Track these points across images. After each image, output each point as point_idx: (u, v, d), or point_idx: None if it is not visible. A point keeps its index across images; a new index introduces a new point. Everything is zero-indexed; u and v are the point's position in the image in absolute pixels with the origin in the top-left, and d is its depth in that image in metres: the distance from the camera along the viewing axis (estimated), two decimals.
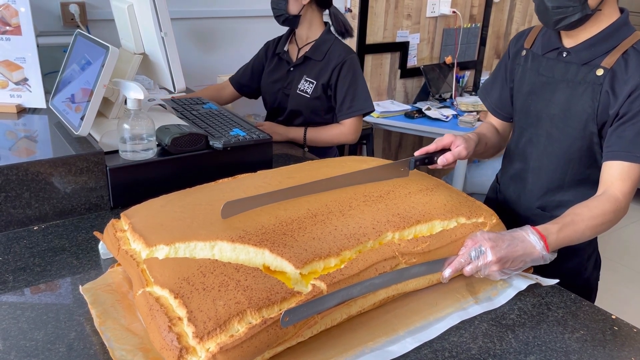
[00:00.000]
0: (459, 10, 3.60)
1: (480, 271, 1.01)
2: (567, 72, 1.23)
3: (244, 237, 0.90)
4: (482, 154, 1.41)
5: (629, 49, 1.16)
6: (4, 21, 1.43)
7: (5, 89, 1.50)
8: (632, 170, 1.14)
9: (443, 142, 1.22)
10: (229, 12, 2.67)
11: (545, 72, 1.28)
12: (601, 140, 1.22)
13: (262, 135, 1.50)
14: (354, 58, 1.92)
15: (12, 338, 0.87)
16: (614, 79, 1.16)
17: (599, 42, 1.19)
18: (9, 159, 1.21)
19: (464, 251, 1.02)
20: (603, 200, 1.13)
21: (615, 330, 0.97)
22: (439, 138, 1.24)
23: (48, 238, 1.19)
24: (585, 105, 1.20)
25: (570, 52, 1.23)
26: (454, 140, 1.22)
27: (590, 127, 1.20)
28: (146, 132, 1.31)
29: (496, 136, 1.45)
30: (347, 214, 1.01)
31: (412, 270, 0.97)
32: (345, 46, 1.95)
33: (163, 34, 1.41)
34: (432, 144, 1.22)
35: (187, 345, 0.74)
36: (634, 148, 1.13)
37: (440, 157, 1.20)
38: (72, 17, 2.23)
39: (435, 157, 1.21)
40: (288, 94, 1.98)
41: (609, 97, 1.16)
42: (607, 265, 3.08)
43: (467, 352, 0.89)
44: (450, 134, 1.24)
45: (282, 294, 0.82)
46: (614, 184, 1.14)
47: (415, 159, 1.20)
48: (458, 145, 1.21)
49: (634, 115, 1.13)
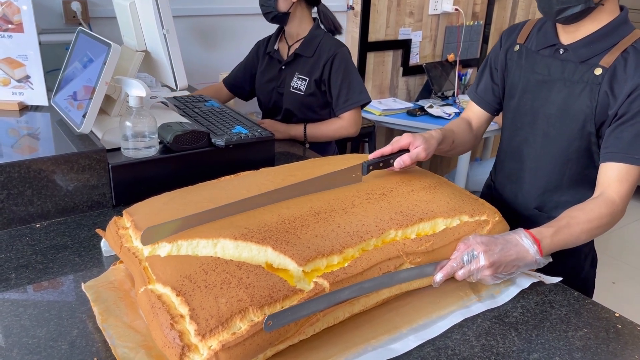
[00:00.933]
0: (461, 7, 3.59)
1: (473, 275, 0.99)
2: (564, 71, 1.21)
3: (247, 234, 0.90)
4: (449, 152, 1.34)
5: (628, 48, 1.14)
6: (6, 19, 1.43)
7: (8, 87, 1.50)
8: (630, 172, 1.12)
9: (400, 143, 1.15)
10: (231, 10, 2.67)
11: (541, 69, 1.25)
12: (599, 140, 1.20)
13: (265, 133, 1.49)
14: (344, 51, 1.91)
15: (15, 335, 0.87)
16: (613, 79, 1.14)
17: (597, 39, 1.17)
18: (11, 156, 1.21)
19: (456, 255, 1.00)
20: (600, 203, 1.11)
21: (619, 329, 0.97)
22: (397, 139, 1.17)
23: (50, 235, 1.19)
24: (583, 105, 1.18)
25: (567, 49, 1.21)
26: (413, 140, 1.15)
27: (588, 127, 1.19)
28: (148, 129, 1.31)
29: (467, 133, 1.40)
30: (350, 212, 1.01)
31: (402, 274, 0.95)
32: (335, 40, 1.94)
33: (165, 32, 1.41)
34: (388, 146, 1.16)
35: (189, 343, 0.74)
36: (632, 150, 1.11)
37: (397, 160, 1.14)
38: (74, 15, 2.23)
39: (391, 160, 1.15)
40: (282, 92, 1.97)
41: (607, 97, 1.15)
42: (610, 263, 3.10)
43: (469, 350, 0.89)
44: (409, 134, 1.18)
45: (284, 292, 0.82)
46: (611, 186, 1.13)
47: (369, 164, 1.13)
48: (417, 146, 1.14)
49: (633, 116, 1.12)
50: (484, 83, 1.41)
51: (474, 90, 1.44)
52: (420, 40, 3.50)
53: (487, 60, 1.42)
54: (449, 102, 3.43)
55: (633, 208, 3.73)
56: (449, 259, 1.00)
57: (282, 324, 0.78)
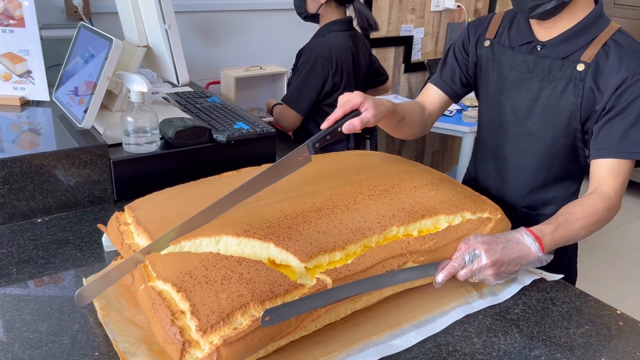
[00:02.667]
0: (463, 4, 3.58)
1: (475, 275, 0.98)
2: (544, 67, 1.19)
3: (249, 231, 0.90)
4: (395, 130, 1.24)
5: (608, 41, 1.13)
6: (7, 14, 1.43)
7: (9, 82, 1.49)
8: (623, 166, 1.12)
9: (352, 102, 1.02)
10: (233, 6, 2.67)
11: (518, 66, 1.23)
12: (584, 136, 1.19)
13: (266, 129, 1.49)
14: (318, 56, 1.97)
15: (16, 330, 0.88)
16: (597, 73, 1.13)
17: (576, 34, 1.16)
18: (12, 151, 1.21)
19: (458, 255, 0.99)
20: (596, 198, 1.10)
21: (621, 326, 0.97)
22: (347, 98, 1.03)
23: (52, 230, 1.19)
24: (567, 102, 1.17)
25: (545, 46, 1.19)
26: (363, 100, 1.02)
27: (574, 124, 1.18)
28: (150, 125, 1.31)
29: (418, 115, 1.32)
30: (352, 208, 1.00)
31: (404, 274, 0.95)
32: (324, 44, 2.01)
33: (167, 27, 1.40)
34: (338, 108, 1.02)
35: (190, 339, 0.74)
36: (623, 145, 1.11)
37: (346, 124, 1.00)
38: (76, 10, 2.23)
39: (338, 128, 1.01)
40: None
41: (593, 93, 1.14)
42: (611, 261, 3.10)
43: (471, 347, 0.89)
44: (360, 92, 1.04)
45: (285, 287, 0.82)
46: (605, 181, 1.12)
47: (314, 141, 0.99)
48: (366, 108, 1.02)
49: (621, 111, 1.11)
50: (449, 69, 1.36)
51: (439, 76, 1.38)
52: (422, 37, 3.49)
53: (451, 48, 1.37)
54: None
55: (634, 206, 3.73)
56: (451, 259, 1.00)
57: (279, 320, 0.78)
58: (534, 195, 1.31)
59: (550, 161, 1.25)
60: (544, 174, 1.28)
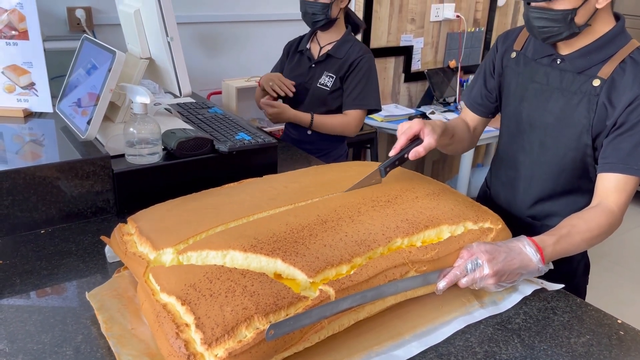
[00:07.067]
0: (463, 14, 3.61)
1: (476, 283, 0.99)
2: (562, 81, 1.21)
3: (256, 245, 0.90)
4: (448, 147, 1.32)
5: (626, 58, 1.14)
6: (11, 26, 1.44)
7: (13, 94, 1.51)
8: (628, 182, 1.13)
9: (413, 130, 1.12)
10: (235, 17, 2.69)
11: (539, 78, 1.25)
12: (595, 152, 1.20)
13: (267, 140, 1.50)
14: (371, 57, 2.04)
15: (20, 341, 0.88)
16: (611, 90, 1.14)
17: (594, 50, 1.17)
18: (16, 163, 1.22)
19: (460, 263, 1.00)
20: (599, 212, 1.11)
21: (621, 335, 0.97)
22: (407, 126, 1.13)
23: (55, 241, 1.19)
24: (580, 116, 1.18)
25: (564, 60, 1.21)
26: (422, 128, 1.12)
27: (585, 139, 1.19)
28: (152, 136, 1.32)
29: (465, 131, 1.40)
30: (357, 220, 1.01)
31: (406, 283, 0.95)
32: (364, 46, 2.08)
33: (169, 39, 1.41)
34: (401, 136, 1.13)
35: (195, 352, 0.74)
36: (630, 160, 1.12)
37: (412, 151, 1.12)
38: (79, 22, 2.25)
39: (405, 155, 1.13)
40: (309, 87, 2.09)
41: (605, 108, 1.15)
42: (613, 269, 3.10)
43: (472, 357, 0.89)
44: (418, 119, 1.15)
45: (289, 299, 0.82)
46: (609, 196, 1.13)
47: (385, 166, 1.14)
48: (427, 134, 1.12)
49: (631, 127, 1.12)
50: (477, 89, 1.41)
51: (468, 95, 1.44)
52: (422, 46, 3.51)
53: (482, 65, 1.42)
54: (451, 108, 3.44)
55: (635, 214, 3.73)
56: (453, 267, 1.01)
57: (283, 333, 0.79)
58: (540, 205, 1.32)
59: (559, 173, 1.26)
60: (551, 185, 1.28)
